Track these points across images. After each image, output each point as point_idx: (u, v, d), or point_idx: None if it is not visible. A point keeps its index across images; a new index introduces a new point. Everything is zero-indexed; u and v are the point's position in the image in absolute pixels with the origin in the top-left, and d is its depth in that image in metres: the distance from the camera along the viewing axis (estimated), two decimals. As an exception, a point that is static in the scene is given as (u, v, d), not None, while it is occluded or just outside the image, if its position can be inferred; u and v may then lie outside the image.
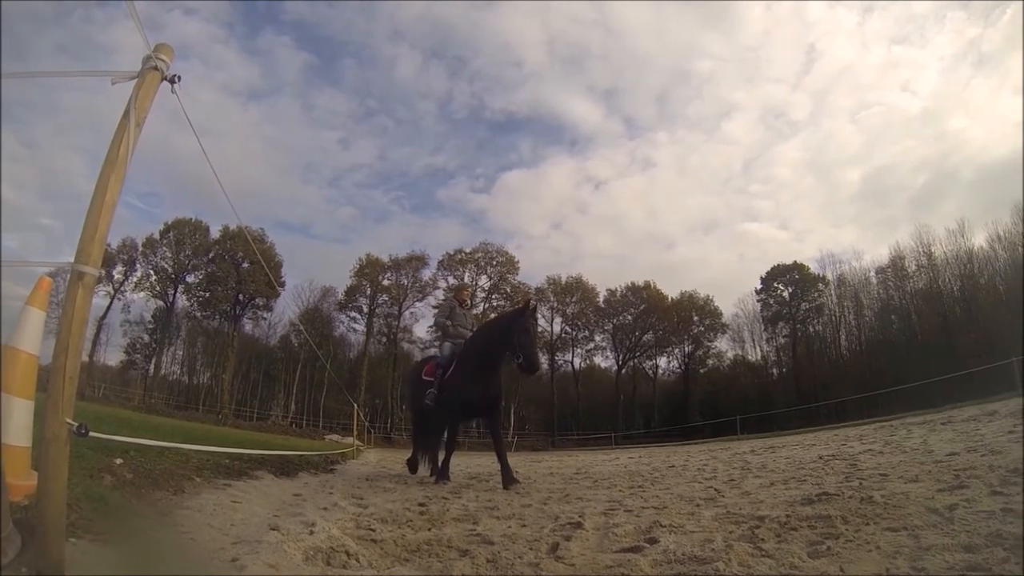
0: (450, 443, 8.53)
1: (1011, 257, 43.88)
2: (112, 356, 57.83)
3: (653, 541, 3.04)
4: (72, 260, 2.14)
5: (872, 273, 53.31)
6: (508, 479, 7.07)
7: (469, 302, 10.16)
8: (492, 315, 61.65)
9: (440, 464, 8.44)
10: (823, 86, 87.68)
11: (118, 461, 4.04)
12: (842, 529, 2.95)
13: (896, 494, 3.79)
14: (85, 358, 49.94)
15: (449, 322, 8.99)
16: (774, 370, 58.51)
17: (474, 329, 9.05)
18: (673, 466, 10.12)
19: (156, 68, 2.54)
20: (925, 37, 77.57)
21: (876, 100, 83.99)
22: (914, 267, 50.22)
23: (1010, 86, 69.68)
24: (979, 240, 46.95)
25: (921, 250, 49.59)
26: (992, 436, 7.22)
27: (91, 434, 2.19)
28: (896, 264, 50.96)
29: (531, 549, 3.07)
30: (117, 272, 55.62)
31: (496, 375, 8.02)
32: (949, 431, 9.41)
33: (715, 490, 5.56)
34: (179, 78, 2.74)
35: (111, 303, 55.49)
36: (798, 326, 56.51)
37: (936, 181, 72.42)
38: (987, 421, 9.96)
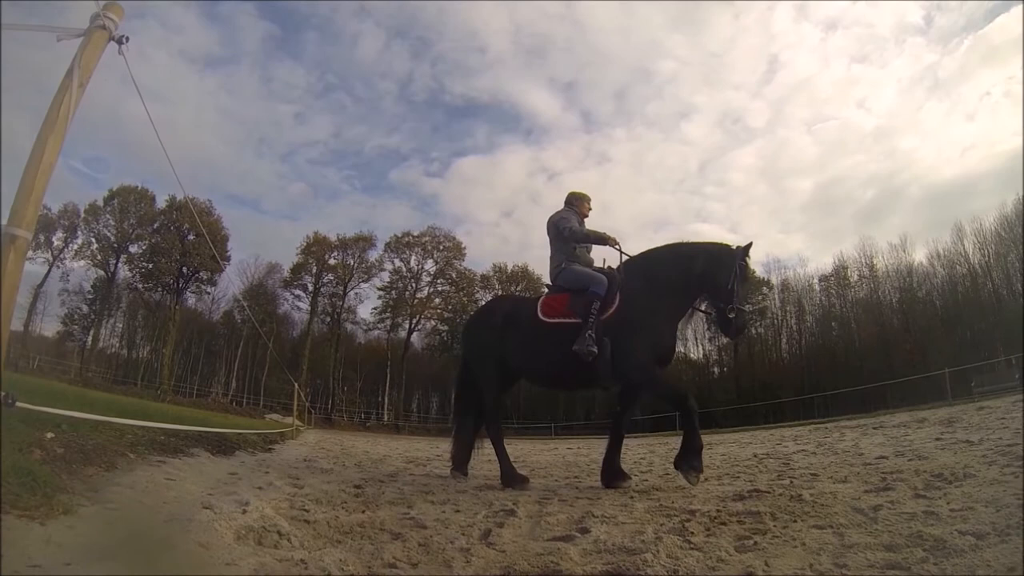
0: (620, 425, 5.98)
1: (949, 274, 45.63)
2: (48, 326, 55.60)
3: (584, 531, 3.06)
4: (4, 222, 2.06)
5: (815, 280, 54.43)
6: (696, 464, 5.19)
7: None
8: (436, 300, 61.46)
9: (607, 463, 5.78)
10: (782, 96, 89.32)
11: (49, 435, 3.90)
12: (770, 525, 3.01)
13: (825, 493, 3.88)
14: (19, 327, 48.26)
15: (588, 232, 6.41)
16: (715, 369, 59.33)
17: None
18: (612, 459, 10.20)
19: (104, 27, 2.46)
20: (884, 58, 79.33)
21: (832, 114, 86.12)
22: (856, 277, 51.61)
23: (961, 112, 72.62)
24: (919, 256, 48.68)
25: (864, 261, 51.07)
26: (920, 442, 7.43)
27: (19, 405, 2.11)
28: (839, 273, 52.24)
29: (463, 534, 3.08)
30: (57, 239, 53.59)
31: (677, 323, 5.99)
32: (880, 435, 9.67)
33: (650, 483, 5.63)
34: (127, 39, 2.64)
35: (49, 270, 53.38)
36: (741, 327, 57.46)
37: (883, 196, 74.42)
38: (916, 428, 10.27)
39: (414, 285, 61.65)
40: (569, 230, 6.30)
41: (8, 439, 3.21)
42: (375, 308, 62.21)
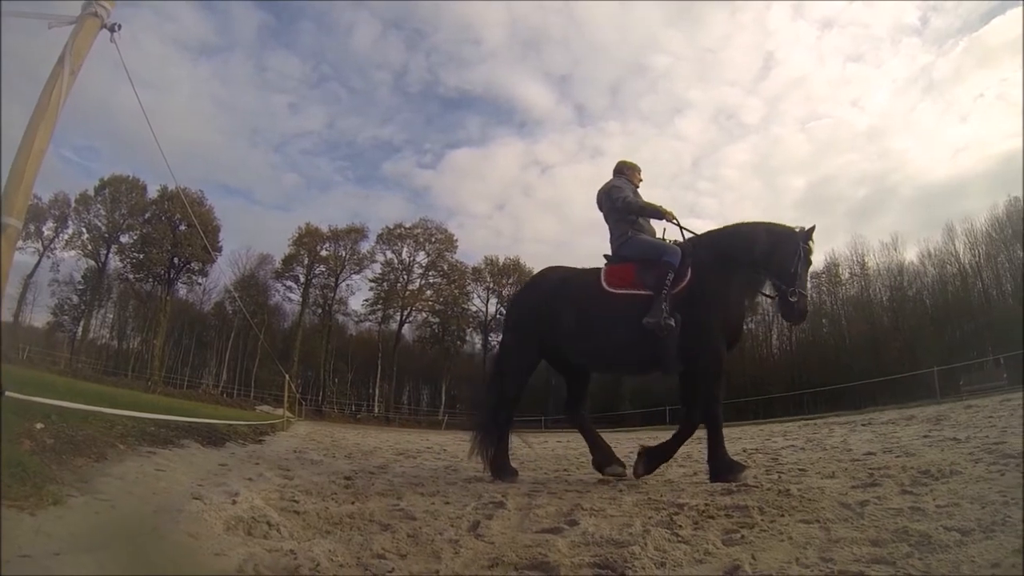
0: (694, 416, 5.71)
1: (939, 274, 45.87)
2: (38, 317, 55.13)
3: (573, 523, 3.07)
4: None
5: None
6: (735, 467, 4.96)
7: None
8: (428, 292, 61.32)
9: (662, 450, 5.66)
10: (777, 93, 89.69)
11: (39, 425, 3.89)
12: (758, 519, 3.02)
13: (812, 488, 3.91)
14: (9, 317, 47.89)
15: (643, 204, 5.79)
16: (705, 363, 59.44)
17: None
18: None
19: (96, 15, 2.45)
20: (880, 58, 79.36)
21: (826, 112, 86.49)
22: (847, 275, 51.80)
23: (955, 114, 72.98)
24: (910, 255, 48.93)
25: (855, 259, 51.23)
26: (908, 439, 7.48)
27: (8, 394, 2.10)
28: (830, 271, 52.36)
29: (452, 526, 3.08)
30: (47, 228, 53.18)
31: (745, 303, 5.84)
32: (868, 432, 9.72)
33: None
34: (119, 27, 2.63)
35: (39, 260, 52.95)
36: (732, 323, 57.63)
37: (875, 195, 74.63)
38: (904, 425, 10.33)
39: (406, 277, 61.60)
40: (623, 200, 5.74)
41: (-1, 429, 3.21)
42: (366, 300, 62.16)
